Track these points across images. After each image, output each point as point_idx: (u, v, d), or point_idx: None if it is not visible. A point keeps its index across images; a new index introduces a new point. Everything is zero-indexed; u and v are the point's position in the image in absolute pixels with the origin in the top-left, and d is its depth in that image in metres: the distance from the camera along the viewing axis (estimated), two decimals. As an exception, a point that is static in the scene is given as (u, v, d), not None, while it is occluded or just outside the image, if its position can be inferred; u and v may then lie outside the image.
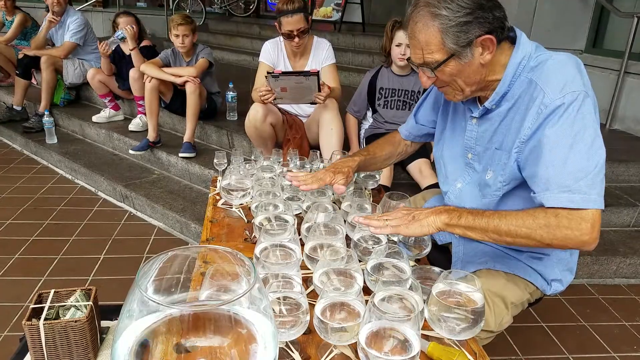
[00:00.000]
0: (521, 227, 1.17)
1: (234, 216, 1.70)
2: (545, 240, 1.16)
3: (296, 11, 2.77)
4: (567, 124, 1.17)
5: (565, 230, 1.14)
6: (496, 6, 1.23)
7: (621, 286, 2.76)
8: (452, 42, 1.21)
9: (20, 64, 4.71)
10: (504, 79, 1.28)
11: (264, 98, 2.77)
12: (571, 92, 1.17)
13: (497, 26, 1.22)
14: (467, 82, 1.29)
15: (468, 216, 1.23)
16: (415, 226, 1.24)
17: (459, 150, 1.50)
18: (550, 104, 1.18)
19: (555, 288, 1.46)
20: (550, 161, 1.17)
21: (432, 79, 1.32)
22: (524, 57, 1.27)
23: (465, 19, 1.19)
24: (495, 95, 1.31)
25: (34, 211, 3.34)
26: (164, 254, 0.65)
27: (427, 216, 1.25)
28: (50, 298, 1.62)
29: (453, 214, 1.24)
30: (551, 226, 1.15)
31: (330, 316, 0.96)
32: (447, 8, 1.18)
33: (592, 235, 1.15)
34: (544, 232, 1.15)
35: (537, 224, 1.16)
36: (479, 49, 1.23)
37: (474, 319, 0.97)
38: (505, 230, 1.18)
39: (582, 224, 1.14)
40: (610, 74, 4.16)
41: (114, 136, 4.21)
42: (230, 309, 0.60)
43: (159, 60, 3.65)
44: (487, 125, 1.38)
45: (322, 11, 6.73)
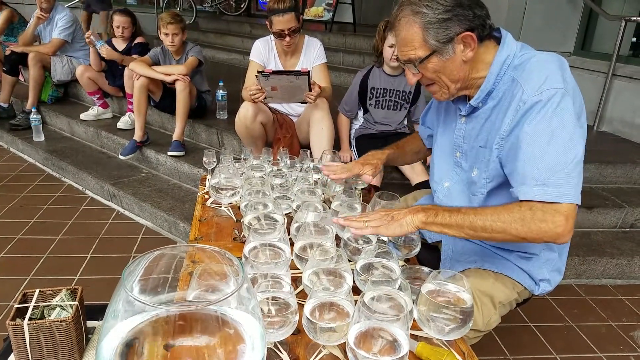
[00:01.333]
0: (496, 222, 1.18)
1: (223, 215, 1.69)
2: (520, 233, 1.17)
3: (287, 10, 2.76)
4: (544, 120, 1.18)
5: (539, 223, 1.15)
6: (477, 4, 1.26)
7: (608, 286, 2.79)
8: (433, 39, 1.25)
9: (8, 61, 4.65)
10: (488, 77, 1.31)
11: (255, 97, 2.76)
12: (549, 89, 1.19)
13: (478, 24, 1.26)
14: (451, 79, 1.32)
15: (444, 214, 1.24)
16: (395, 226, 1.25)
17: (448, 149, 1.53)
18: (528, 100, 1.20)
19: (544, 288, 1.47)
20: (528, 156, 1.19)
21: (417, 75, 1.35)
22: (509, 56, 1.29)
23: (444, 16, 1.23)
24: (481, 93, 1.33)
25: (20, 209, 3.30)
26: (150, 253, 0.64)
27: (405, 215, 1.26)
28: (35, 297, 1.60)
29: (430, 212, 1.25)
30: (526, 220, 1.16)
31: (319, 316, 0.96)
32: (427, 6, 1.23)
33: (566, 227, 1.16)
34: (519, 226, 1.17)
35: (512, 217, 1.17)
36: (460, 46, 1.26)
37: (462, 319, 0.97)
38: (481, 226, 1.20)
39: (556, 217, 1.15)
40: (598, 76, 4.20)
41: (102, 134, 4.17)
42: (218, 309, 0.59)
43: (149, 59, 3.62)
44: (474, 124, 1.40)
45: (313, 11, 6.73)
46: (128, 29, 4.12)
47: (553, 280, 1.49)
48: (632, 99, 3.97)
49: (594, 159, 3.39)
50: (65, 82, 4.84)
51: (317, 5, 6.69)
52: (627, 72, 3.99)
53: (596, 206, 3.05)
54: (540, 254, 1.44)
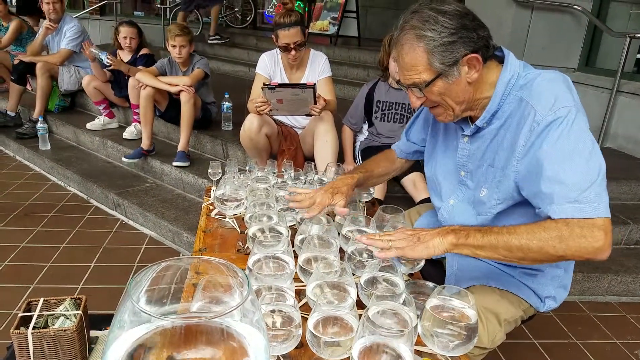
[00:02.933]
0: (532, 240, 1.14)
1: (227, 227, 1.69)
2: (559, 251, 1.13)
3: (293, 24, 2.79)
4: (563, 138, 1.17)
5: (578, 239, 1.12)
6: (480, 26, 1.26)
7: (612, 304, 2.77)
8: (438, 62, 1.23)
9: (16, 70, 4.70)
10: (494, 98, 1.30)
11: (260, 109, 2.77)
12: (562, 108, 1.18)
13: (482, 45, 1.25)
14: (456, 101, 1.31)
15: (476, 234, 1.19)
16: (421, 248, 1.20)
17: (451, 167, 1.51)
18: (543, 121, 1.19)
19: (549, 305, 1.46)
20: (553, 176, 1.17)
21: (421, 99, 1.34)
22: (513, 76, 1.29)
23: (449, 39, 1.22)
24: (486, 113, 1.32)
25: (25, 218, 3.31)
26: (157, 265, 0.64)
27: (432, 237, 1.21)
28: (40, 306, 1.60)
29: (460, 234, 1.20)
30: (564, 236, 1.12)
31: (323, 330, 0.96)
32: (431, 29, 1.22)
33: (605, 241, 1.12)
34: (557, 243, 1.12)
35: (549, 235, 1.13)
36: (465, 68, 1.25)
37: (467, 335, 0.97)
38: (517, 246, 1.15)
39: (595, 232, 1.12)
40: (603, 92, 4.21)
41: (108, 144, 4.19)
42: (223, 322, 0.59)
43: (155, 69, 3.65)
44: (479, 143, 1.39)
45: (318, 24, 6.78)
46: (135, 40, 4.16)
47: (559, 297, 1.48)
48: (636, 115, 3.97)
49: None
50: (72, 91, 4.88)
51: (323, 19, 6.74)
52: (631, 88, 4.00)
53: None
54: (545, 271, 1.43)
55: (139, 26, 4.25)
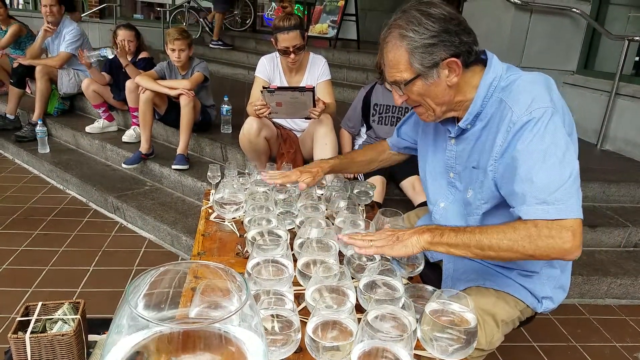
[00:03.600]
0: (503, 240, 1.17)
1: (226, 230, 1.68)
2: (528, 251, 1.16)
3: (292, 28, 2.79)
4: (536, 139, 1.19)
5: (546, 239, 1.15)
6: (464, 31, 1.27)
7: (612, 306, 2.76)
8: (418, 63, 1.27)
9: (15, 73, 4.70)
10: (475, 100, 1.32)
11: (259, 112, 2.77)
12: (538, 109, 1.20)
13: (464, 50, 1.27)
14: (437, 102, 1.34)
15: (450, 233, 1.23)
16: (399, 247, 1.24)
17: (441, 169, 1.54)
18: (518, 121, 1.21)
19: (547, 306, 1.46)
20: (524, 176, 1.19)
21: (403, 97, 1.38)
22: (495, 78, 1.31)
23: (430, 41, 1.24)
24: (469, 115, 1.35)
25: (23, 221, 3.31)
26: (156, 269, 0.64)
27: (410, 236, 1.25)
28: (38, 311, 1.59)
29: (435, 233, 1.24)
30: (532, 236, 1.15)
31: (322, 335, 0.95)
32: (414, 30, 1.25)
33: (574, 243, 1.15)
34: (526, 243, 1.16)
35: (518, 235, 1.17)
36: (445, 71, 1.28)
37: (466, 339, 0.97)
38: (488, 245, 1.19)
39: (562, 233, 1.14)
40: (602, 95, 4.22)
41: (107, 147, 4.19)
42: (221, 327, 0.59)
43: (154, 73, 3.65)
44: (464, 145, 1.41)
45: (318, 28, 6.79)
46: (133, 43, 4.16)
47: (556, 297, 1.48)
48: (635, 118, 3.98)
49: (597, 178, 3.38)
50: (71, 94, 4.88)
51: (322, 22, 6.76)
52: (630, 91, 4.01)
53: (600, 225, 3.04)
54: (541, 272, 1.43)
55: (137, 29, 4.25)
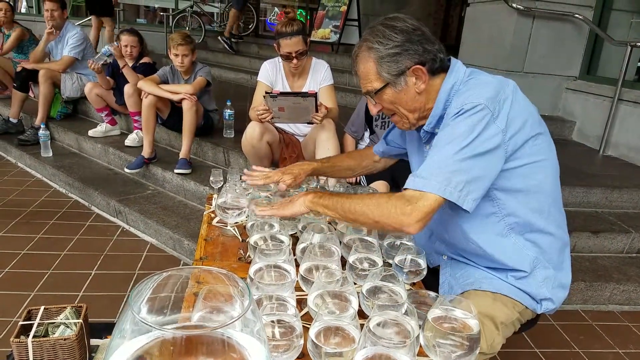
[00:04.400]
0: (358, 204, 1.32)
1: (228, 235, 1.69)
2: (375, 215, 1.28)
3: (295, 33, 2.80)
4: (450, 127, 1.27)
5: (390, 207, 1.25)
6: (427, 41, 1.36)
7: (615, 312, 2.75)
8: (385, 72, 1.36)
9: (18, 77, 4.73)
10: (437, 103, 1.39)
11: (262, 117, 2.78)
12: (469, 102, 1.26)
13: (429, 58, 1.35)
14: (408, 109, 1.42)
15: (326, 197, 1.42)
16: (289, 207, 1.47)
17: None
18: (450, 113, 1.30)
19: (547, 306, 1.45)
20: (428, 158, 1.28)
21: (377, 106, 1.46)
22: (455, 83, 1.38)
23: (394, 51, 1.33)
24: (432, 118, 1.41)
25: (26, 224, 3.31)
26: (159, 274, 0.64)
27: (299, 198, 1.47)
28: (40, 315, 1.59)
29: (317, 195, 1.44)
30: (381, 203, 1.27)
31: (324, 341, 0.95)
32: (379, 42, 1.35)
33: (410, 217, 1.22)
34: (375, 208, 1.28)
35: (372, 201, 1.30)
36: (412, 79, 1.36)
37: (469, 345, 0.96)
38: (348, 208, 1.34)
39: (405, 205, 1.23)
40: (604, 100, 4.22)
41: (110, 151, 4.20)
42: (224, 332, 0.59)
43: (157, 77, 3.66)
44: None
45: (320, 33, 6.81)
46: (136, 48, 4.18)
47: (556, 297, 1.46)
48: (638, 123, 3.98)
49: (600, 183, 3.38)
50: (74, 98, 4.90)
51: (324, 27, 6.78)
52: (632, 97, 4.01)
53: (602, 231, 3.04)
54: (532, 272, 1.42)
55: (140, 34, 4.28)
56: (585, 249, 3.03)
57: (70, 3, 9.23)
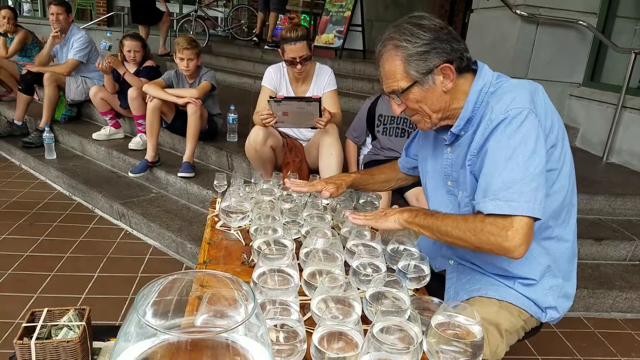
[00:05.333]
0: (455, 229, 1.29)
1: (232, 239, 1.69)
2: (474, 242, 1.26)
3: (299, 39, 2.81)
4: (506, 137, 1.25)
5: (488, 235, 1.22)
6: (454, 39, 1.35)
7: (617, 320, 2.74)
8: (413, 70, 1.34)
9: (24, 80, 4.75)
10: (466, 105, 1.38)
11: (266, 121, 2.79)
12: (515, 108, 1.25)
13: (456, 56, 1.34)
14: (433, 109, 1.39)
15: (423, 217, 1.38)
16: (383, 220, 1.44)
17: (439, 179, 1.56)
18: (495, 119, 1.27)
19: (551, 315, 1.45)
20: (488, 171, 1.26)
21: (401, 106, 1.44)
22: (485, 85, 1.37)
23: (423, 49, 1.32)
24: (460, 120, 1.40)
25: (29, 227, 3.32)
26: (164, 278, 0.64)
27: (394, 214, 1.43)
28: (43, 317, 1.60)
29: (412, 214, 1.40)
30: (477, 230, 1.24)
31: (327, 346, 0.95)
32: (407, 40, 1.33)
33: (512, 242, 1.20)
34: (472, 236, 1.25)
35: (467, 227, 1.26)
36: (439, 77, 1.35)
37: (472, 352, 0.96)
38: (445, 231, 1.31)
39: (503, 231, 1.20)
40: (608, 107, 4.21)
41: (114, 154, 4.22)
42: (228, 337, 0.59)
43: (162, 81, 3.68)
44: (459, 152, 1.45)
45: (324, 38, 6.82)
46: (139, 53, 4.22)
47: (561, 307, 1.46)
48: (641, 131, 3.97)
49: (603, 190, 3.37)
50: (78, 101, 4.92)
51: (328, 33, 6.79)
52: (636, 104, 4.00)
53: (605, 238, 3.03)
54: (541, 281, 1.42)
55: (143, 39, 4.31)
56: (588, 256, 3.02)
57: (75, 6, 9.27)
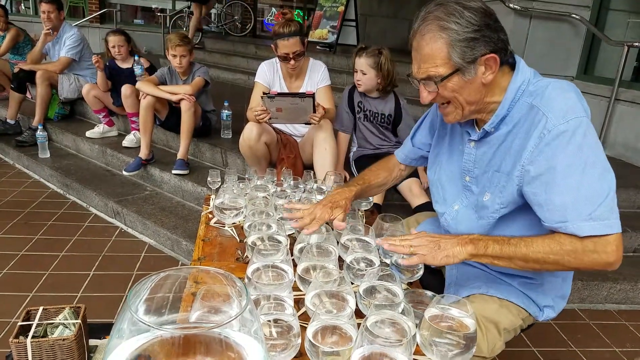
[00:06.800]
0: (549, 254, 1.20)
1: (226, 235, 1.69)
2: (572, 264, 1.20)
3: (292, 34, 2.81)
4: (575, 150, 1.18)
5: (592, 254, 1.18)
6: (501, 29, 1.26)
7: (612, 311, 2.76)
8: (458, 57, 1.22)
9: (16, 78, 4.72)
10: (503, 102, 1.30)
11: (259, 118, 2.78)
12: (575, 118, 1.18)
13: (501, 47, 1.25)
14: (468, 101, 1.29)
15: (494, 245, 1.24)
16: (442, 256, 1.26)
17: (456, 172, 1.50)
18: (554, 129, 1.19)
19: (548, 314, 1.46)
20: (565, 188, 1.18)
21: (432, 93, 1.31)
22: (524, 82, 1.29)
23: (473, 35, 1.21)
24: (495, 118, 1.31)
25: (24, 226, 3.31)
26: (156, 274, 0.64)
27: (453, 246, 1.26)
28: (39, 315, 1.60)
29: (479, 245, 1.25)
30: (578, 252, 1.18)
31: (321, 340, 0.96)
32: (456, 22, 1.20)
33: (617, 255, 1.19)
34: (572, 258, 1.19)
35: (564, 250, 1.19)
36: (482, 68, 1.25)
37: (465, 344, 0.97)
38: (534, 258, 1.22)
39: (607, 247, 1.18)
40: (601, 100, 4.23)
41: (107, 152, 4.20)
42: (221, 332, 0.60)
43: (155, 78, 3.66)
44: (486, 149, 1.38)
45: (317, 33, 6.81)
46: (123, 47, 4.21)
47: (557, 306, 1.48)
48: (634, 123, 3.99)
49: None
50: (71, 99, 4.90)
51: (322, 28, 6.78)
52: (629, 97, 4.02)
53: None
54: (544, 280, 1.44)
55: (126, 33, 4.30)
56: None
57: (67, 4, 9.21)
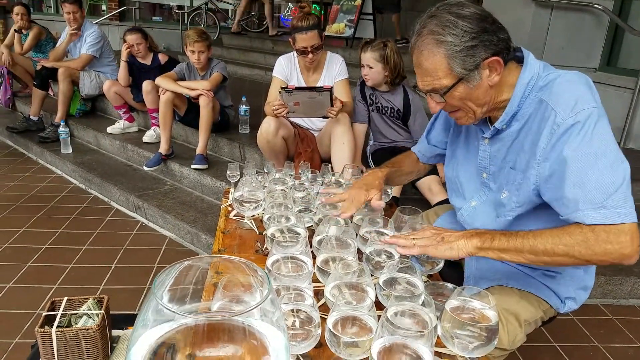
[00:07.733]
0: (558, 245, 1.15)
1: (245, 228, 1.70)
2: (584, 256, 1.14)
3: (310, 28, 2.80)
4: (586, 142, 1.15)
5: (604, 244, 1.12)
6: (500, 28, 1.23)
7: (635, 307, 2.71)
8: (459, 67, 1.21)
9: (38, 75, 4.81)
10: (512, 99, 1.28)
11: (277, 112, 2.79)
12: (583, 110, 1.16)
13: (502, 47, 1.23)
14: (478, 104, 1.28)
15: (501, 238, 1.20)
16: (444, 248, 1.23)
17: (473, 169, 1.49)
18: (563, 123, 1.17)
19: (569, 306, 1.44)
20: (576, 180, 1.15)
21: (440, 104, 1.31)
22: (533, 77, 1.26)
23: (470, 43, 1.19)
24: (505, 115, 1.30)
25: (47, 220, 3.38)
26: (179, 264, 0.65)
27: (457, 239, 1.23)
28: (63, 306, 1.63)
29: (485, 237, 1.22)
30: (589, 241, 1.13)
31: (341, 330, 0.96)
32: (452, 34, 1.19)
33: (632, 247, 1.12)
34: (583, 249, 1.13)
35: (574, 240, 1.14)
36: (486, 71, 1.23)
37: (487, 336, 0.96)
38: (542, 250, 1.16)
39: (620, 237, 1.12)
40: (625, 92, 4.14)
41: (128, 147, 4.26)
42: (244, 320, 0.60)
43: (174, 74, 3.70)
44: (499, 145, 1.37)
45: (335, 27, 6.78)
46: (141, 45, 4.24)
47: (579, 298, 1.46)
48: (659, 115, 3.90)
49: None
50: (92, 96, 4.97)
51: (339, 22, 6.75)
52: (654, 88, 3.93)
53: (623, 224, 2.98)
54: (565, 272, 1.42)
55: (143, 30, 4.34)
56: None
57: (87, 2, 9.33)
